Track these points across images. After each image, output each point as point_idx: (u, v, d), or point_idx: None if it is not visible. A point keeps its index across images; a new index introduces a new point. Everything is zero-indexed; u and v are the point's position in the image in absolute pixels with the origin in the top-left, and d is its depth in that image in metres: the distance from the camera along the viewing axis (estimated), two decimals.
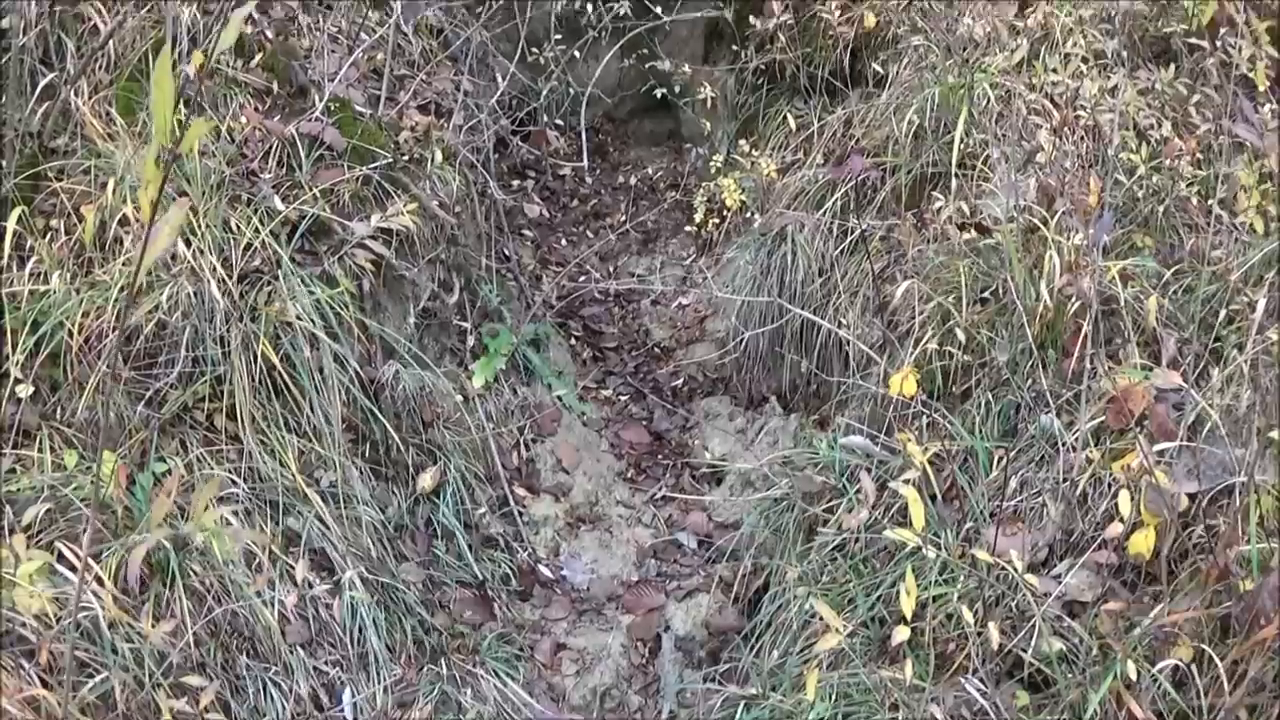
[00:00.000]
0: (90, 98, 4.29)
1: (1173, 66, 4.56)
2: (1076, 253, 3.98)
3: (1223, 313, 3.76)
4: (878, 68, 5.54)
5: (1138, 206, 4.24)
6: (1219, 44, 4.41)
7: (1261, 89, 4.32)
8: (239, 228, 4.21)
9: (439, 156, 5.11)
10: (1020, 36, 4.85)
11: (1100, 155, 4.33)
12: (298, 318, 4.20)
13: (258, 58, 4.68)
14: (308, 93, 4.77)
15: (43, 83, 4.18)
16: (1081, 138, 4.42)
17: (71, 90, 4.23)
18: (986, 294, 4.37)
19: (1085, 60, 4.68)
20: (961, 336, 4.21)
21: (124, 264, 3.95)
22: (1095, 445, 3.64)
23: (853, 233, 5.29)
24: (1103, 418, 3.64)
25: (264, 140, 4.50)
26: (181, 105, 4.00)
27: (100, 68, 4.37)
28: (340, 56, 4.93)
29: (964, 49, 4.95)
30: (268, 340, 4.13)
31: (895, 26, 5.50)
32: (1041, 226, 4.14)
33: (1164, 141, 4.27)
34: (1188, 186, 4.18)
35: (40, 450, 3.66)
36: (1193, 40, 4.57)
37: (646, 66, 6.66)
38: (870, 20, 5.49)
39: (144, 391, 3.94)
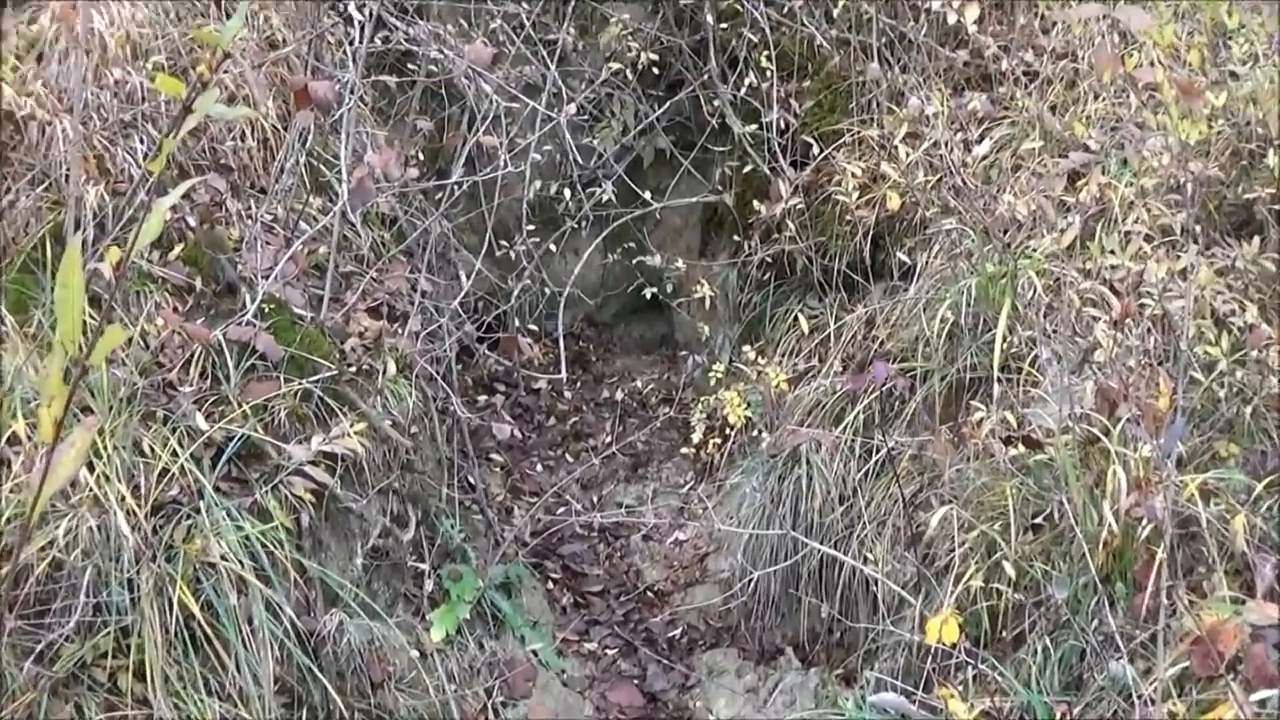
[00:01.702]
0: None
1: (1257, 239, 4.56)
2: (1145, 466, 3.96)
3: None
4: (904, 257, 5.60)
5: (1219, 409, 4.22)
6: None
7: None
8: (153, 450, 4.18)
9: (392, 368, 5.12)
10: (1072, 214, 4.88)
11: (1171, 350, 4.32)
12: (222, 558, 4.14)
13: (178, 249, 4.70)
14: (237, 291, 4.78)
15: None
16: (1148, 330, 4.41)
17: None
18: (1039, 520, 4.34)
19: (1149, 238, 4.69)
20: (1011, 571, 4.18)
21: (12, 491, 3.90)
22: (1178, 696, 3.56)
23: (878, 452, 5.30)
24: (1186, 663, 3.57)
25: (184, 347, 4.49)
26: (87, 306, 4.00)
27: None
28: (276, 249, 4.95)
29: (1005, 232, 4.99)
30: (186, 584, 4.06)
31: (923, 208, 5.54)
32: (1102, 438, 4.12)
33: (1248, 329, 4.26)
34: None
35: None
36: None
37: (634, 262, 6.75)
38: (894, 202, 5.52)
39: (33, 645, 3.85)
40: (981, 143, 5.43)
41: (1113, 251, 4.68)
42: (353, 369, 4.98)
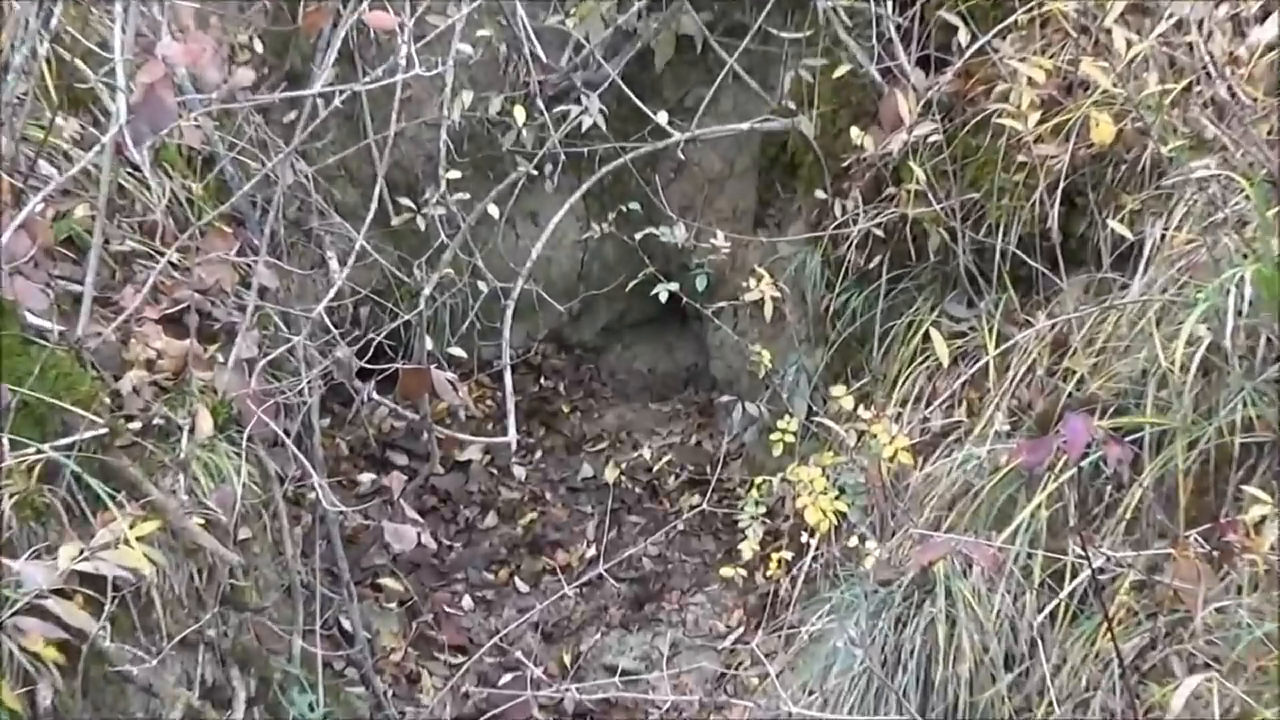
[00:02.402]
0: None
1: None
2: None
3: None
4: (1120, 228, 5.52)
5: None
6: None
7: None
8: None
9: (206, 423, 5.10)
10: None
11: None
12: None
13: None
14: None
15: None
16: None
17: None
18: None
19: None
20: None
21: None
22: None
23: (1074, 576, 5.26)
24: None
25: None
26: None
27: None
28: None
29: None
30: None
31: (1157, 141, 5.46)
32: None
33: None
34: None
35: None
36: None
37: (638, 237, 6.67)
38: (1104, 130, 5.45)
39: None
40: (1264, 22, 5.33)
41: None
42: (135, 425, 4.94)
